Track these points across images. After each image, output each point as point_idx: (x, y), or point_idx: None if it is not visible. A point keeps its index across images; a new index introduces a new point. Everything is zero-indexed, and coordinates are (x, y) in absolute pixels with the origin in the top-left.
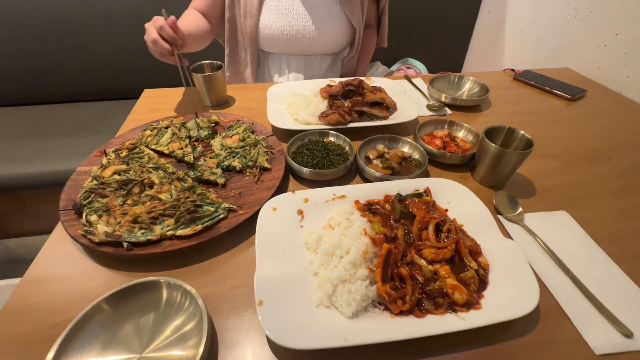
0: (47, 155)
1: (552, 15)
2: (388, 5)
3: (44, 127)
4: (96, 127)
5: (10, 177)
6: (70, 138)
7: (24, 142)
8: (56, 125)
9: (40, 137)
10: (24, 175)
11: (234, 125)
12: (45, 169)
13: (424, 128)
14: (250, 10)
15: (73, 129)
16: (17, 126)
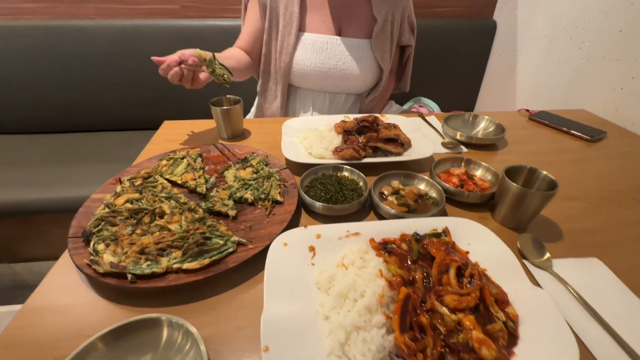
0: (65, 182)
1: (564, 59)
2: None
3: (66, 154)
4: (116, 155)
5: (26, 202)
6: (90, 165)
7: (45, 168)
8: (78, 153)
9: (61, 163)
10: (40, 200)
11: (249, 157)
12: (61, 194)
13: (440, 165)
14: (287, 47)
15: (93, 157)
16: (41, 153)
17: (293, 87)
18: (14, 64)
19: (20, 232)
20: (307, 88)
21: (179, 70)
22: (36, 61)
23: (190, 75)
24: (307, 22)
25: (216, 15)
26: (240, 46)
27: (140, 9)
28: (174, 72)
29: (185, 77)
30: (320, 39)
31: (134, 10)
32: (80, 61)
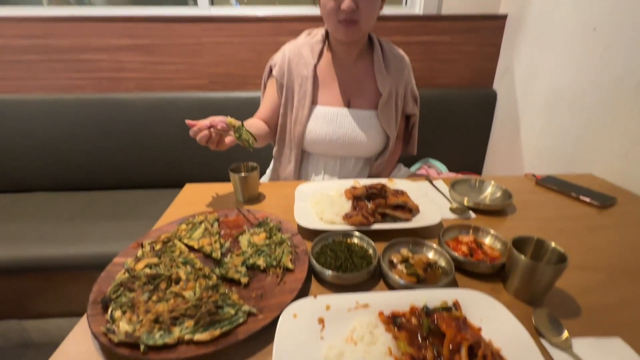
0: (88, 238)
1: (566, 126)
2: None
3: (92, 210)
4: (139, 213)
5: (47, 258)
6: (114, 222)
7: (70, 224)
8: (103, 210)
9: (86, 220)
10: (61, 256)
11: (262, 223)
12: (83, 251)
13: (448, 232)
14: (301, 119)
15: (118, 214)
16: (68, 209)
17: (306, 153)
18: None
19: (36, 288)
20: (319, 153)
21: (207, 133)
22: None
23: (217, 139)
24: (319, 96)
25: (238, 89)
26: (260, 117)
27: (173, 83)
28: (203, 135)
29: (212, 139)
30: (331, 110)
31: (168, 84)
32: (115, 127)
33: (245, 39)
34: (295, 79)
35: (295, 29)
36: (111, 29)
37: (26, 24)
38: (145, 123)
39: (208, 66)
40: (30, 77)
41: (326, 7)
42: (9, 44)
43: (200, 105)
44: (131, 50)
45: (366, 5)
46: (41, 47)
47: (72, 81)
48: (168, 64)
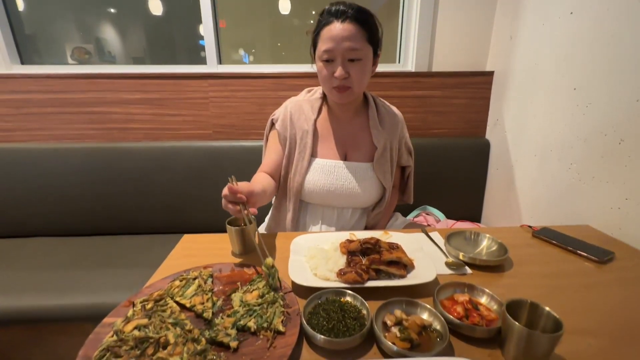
0: (82, 288)
1: (557, 178)
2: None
3: (89, 258)
4: (137, 260)
5: (39, 309)
6: (110, 269)
7: (65, 272)
8: (101, 257)
9: (82, 268)
10: (53, 307)
11: (256, 280)
12: (76, 301)
13: (443, 291)
14: (300, 170)
15: (116, 261)
16: (65, 256)
17: (304, 203)
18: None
19: (24, 341)
20: (317, 204)
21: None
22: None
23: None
24: (318, 149)
25: (241, 138)
26: (265, 170)
27: (179, 134)
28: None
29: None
30: (329, 163)
31: (174, 135)
32: (121, 174)
33: (249, 94)
34: (297, 132)
35: (295, 85)
36: (125, 85)
37: (48, 81)
38: (150, 170)
39: (213, 118)
40: (45, 127)
41: (321, 74)
42: (30, 98)
43: (204, 154)
44: (142, 103)
45: (357, 72)
46: (59, 100)
47: (84, 131)
48: (175, 116)
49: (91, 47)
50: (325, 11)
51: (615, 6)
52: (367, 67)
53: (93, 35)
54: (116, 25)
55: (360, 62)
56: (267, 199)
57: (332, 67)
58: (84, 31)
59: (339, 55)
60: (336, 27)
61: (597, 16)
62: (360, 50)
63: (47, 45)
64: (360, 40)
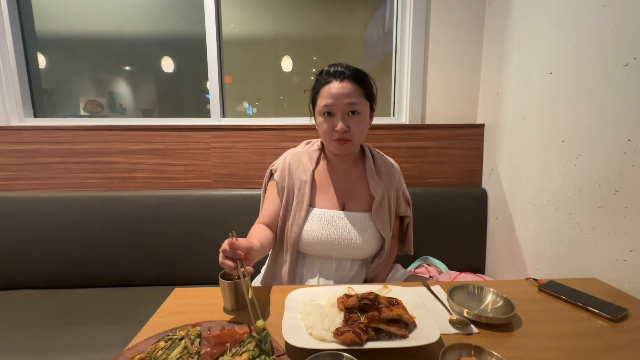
0: (62, 348)
1: (558, 227)
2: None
3: (73, 313)
4: (124, 316)
5: None
6: (94, 327)
7: (46, 329)
8: (86, 311)
9: (64, 324)
10: None
11: (246, 340)
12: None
13: (448, 354)
14: (298, 220)
15: (101, 316)
16: (48, 311)
17: (301, 254)
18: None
19: None
20: (315, 255)
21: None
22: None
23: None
24: (316, 199)
25: (240, 187)
26: (263, 221)
27: (180, 183)
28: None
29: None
30: (327, 213)
31: (175, 184)
32: (119, 223)
33: (250, 144)
34: (295, 183)
35: (295, 136)
36: (131, 136)
37: (57, 132)
38: (147, 219)
39: (214, 167)
40: (48, 176)
41: (322, 128)
42: (38, 149)
43: (202, 202)
44: (145, 153)
45: (356, 125)
46: (65, 151)
47: (86, 180)
48: (177, 166)
49: (104, 100)
50: (324, 72)
51: (591, 67)
52: (365, 120)
53: (106, 90)
54: (129, 81)
55: (359, 116)
56: (264, 253)
57: (333, 121)
58: (98, 86)
59: (339, 110)
60: (335, 86)
61: (575, 75)
62: (358, 104)
63: (62, 98)
64: (358, 96)
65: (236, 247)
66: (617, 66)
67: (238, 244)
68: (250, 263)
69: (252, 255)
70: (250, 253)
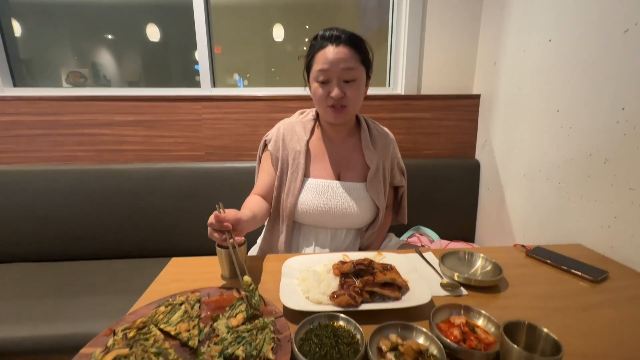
0: (61, 316)
1: (546, 197)
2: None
3: (72, 284)
4: (122, 286)
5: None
6: (93, 297)
7: (45, 300)
8: (84, 283)
9: (63, 295)
10: (27, 337)
11: (236, 303)
12: (53, 332)
13: (439, 314)
14: (293, 191)
15: (100, 287)
16: (47, 283)
17: (297, 224)
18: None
19: None
20: (310, 225)
21: (224, 239)
22: (72, 197)
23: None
24: (311, 169)
25: (234, 159)
26: (258, 192)
27: (171, 155)
28: (220, 239)
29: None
30: (322, 183)
31: (166, 156)
32: (111, 196)
33: (242, 116)
34: (290, 153)
35: (288, 107)
36: (118, 107)
37: (40, 103)
38: (140, 192)
39: (206, 139)
40: (34, 149)
41: (317, 95)
42: (21, 120)
43: (195, 175)
44: (134, 125)
45: (352, 92)
46: (50, 123)
47: (74, 153)
48: (168, 137)
49: (86, 72)
50: (319, 36)
51: (591, 34)
52: (361, 87)
53: (89, 60)
54: (113, 51)
55: (355, 83)
56: (257, 223)
57: (328, 88)
58: (80, 56)
59: (335, 77)
60: (331, 50)
61: (574, 43)
62: (354, 70)
63: (42, 69)
64: (354, 61)
65: (222, 220)
66: (618, 32)
67: (224, 216)
68: (241, 233)
69: (241, 226)
70: (239, 224)
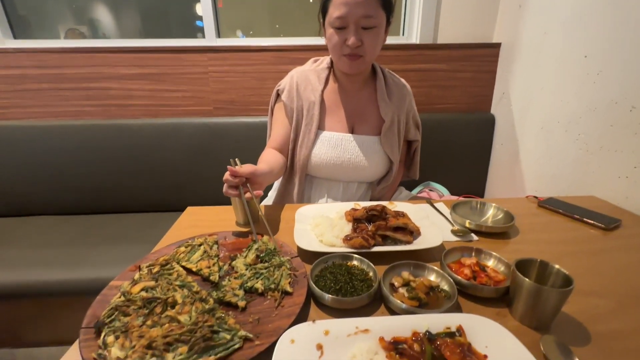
0: (88, 263)
1: (564, 150)
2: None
3: (93, 235)
4: (140, 237)
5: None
6: (115, 246)
7: (69, 249)
8: (105, 234)
9: (87, 245)
10: (59, 281)
11: (252, 246)
12: (81, 276)
13: (450, 255)
14: (307, 143)
15: (119, 238)
16: (71, 234)
17: (309, 177)
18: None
19: (30, 315)
20: (323, 178)
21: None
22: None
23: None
24: (325, 122)
25: (242, 114)
26: (273, 146)
27: (179, 110)
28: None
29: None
30: (336, 136)
31: (174, 111)
32: (121, 152)
33: (249, 68)
34: (304, 104)
35: (297, 58)
36: (122, 59)
37: (42, 55)
38: (150, 148)
39: (213, 93)
40: (42, 104)
41: (332, 41)
42: (25, 74)
43: (204, 130)
44: (140, 78)
45: (370, 41)
46: (55, 76)
47: (82, 108)
48: (174, 92)
49: (85, 29)
50: None
51: None
52: (380, 35)
53: (86, 17)
54: (111, 6)
55: (374, 30)
56: (275, 177)
57: (344, 35)
58: (77, 12)
59: (352, 23)
60: None
61: None
62: (374, 17)
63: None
64: (374, 6)
65: (238, 174)
66: None
67: (240, 171)
68: (259, 187)
69: (258, 178)
70: (255, 176)
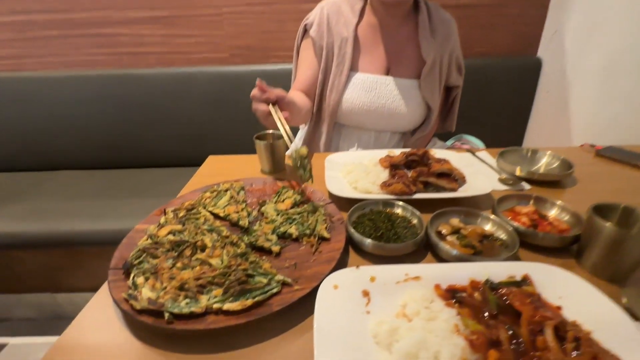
0: (113, 214)
1: (627, 92)
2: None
3: (117, 188)
4: (163, 190)
5: (75, 233)
6: (138, 199)
7: (97, 201)
8: (128, 187)
9: (112, 197)
10: (88, 231)
11: (283, 190)
12: (109, 226)
13: (503, 203)
14: (337, 86)
15: (143, 191)
16: (95, 187)
17: (338, 125)
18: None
19: (65, 263)
20: (353, 126)
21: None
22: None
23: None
24: (359, 62)
25: (260, 62)
26: (298, 89)
27: (193, 58)
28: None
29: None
30: (370, 78)
31: (189, 59)
32: (137, 103)
33: (267, 7)
34: (335, 40)
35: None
36: (130, 1)
37: None
38: (166, 98)
39: (228, 38)
40: (53, 53)
41: None
42: (31, 20)
43: (221, 80)
44: (151, 23)
45: None
46: (62, 22)
47: (94, 57)
48: (188, 37)
49: None
50: None
51: None
52: None
53: None
54: None
55: None
56: (301, 118)
57: None
58: None
59: None
60: None
61: None
62: None
63: None
64: None
65: (265, 89)
66: None
67: (269, 89)
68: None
69: (285, 103)
70: (283, 100)
